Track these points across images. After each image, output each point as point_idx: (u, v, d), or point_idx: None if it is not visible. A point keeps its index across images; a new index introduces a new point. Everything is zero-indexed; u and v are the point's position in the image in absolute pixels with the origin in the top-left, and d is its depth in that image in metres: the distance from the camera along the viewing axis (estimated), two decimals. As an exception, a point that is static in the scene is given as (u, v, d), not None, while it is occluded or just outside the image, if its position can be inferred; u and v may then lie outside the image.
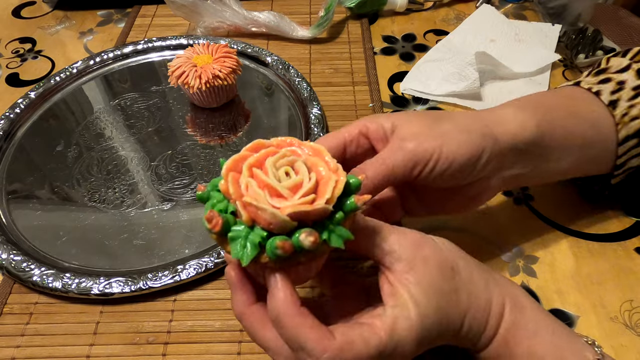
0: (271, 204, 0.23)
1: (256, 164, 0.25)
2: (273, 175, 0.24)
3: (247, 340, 0.37)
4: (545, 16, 0.65)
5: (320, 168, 0.25)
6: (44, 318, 0.38)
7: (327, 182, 0.24)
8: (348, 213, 0.25)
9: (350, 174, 0.26)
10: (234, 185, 0.24)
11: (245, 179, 0.24)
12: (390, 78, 0.58)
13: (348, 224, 0.26)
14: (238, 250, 0.24)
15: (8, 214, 0.45)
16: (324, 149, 0.26)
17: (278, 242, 0.23)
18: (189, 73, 0.49)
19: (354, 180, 0.26)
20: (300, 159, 0.25)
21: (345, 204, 0.25)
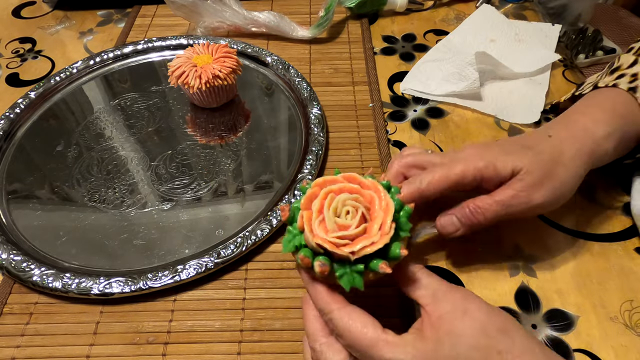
0: (312, 227, 0.29)
1: (337, 190, 0.31)
2: (335, 209, 0.30)
3: (247, 340, 0.37)
4: (545, 16, 0.65)
5: (375, 225, 0.29)
6: (44, 318, 0.38)
7: (367, 238, 0.29)
8: (371, 271, 0.29)
9: (396, 244, 0.29)
10: (307, 199, 0.30)
11: (318, 199, 0.30)
12: (390, 78, 0.58)
13: (369, 277, 0.30)
14: (286, 240, 0.30)
15: (8, 214, 0.45)
16: (392, 209, 0.30)
17: (302, 255, 0.29)
18: (189, 73, 0.49)
19: (395, 251, 0.29)
20: (364, 209, 0.30)
21: (371, 261, 0.29)
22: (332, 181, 0.31)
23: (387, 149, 0.49)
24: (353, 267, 0.29)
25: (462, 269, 0.40)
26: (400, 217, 0.31)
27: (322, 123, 0.51)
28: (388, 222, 0.29)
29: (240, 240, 0.41)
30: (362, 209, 0.30)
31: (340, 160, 0.49)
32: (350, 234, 0.29)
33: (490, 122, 0.52)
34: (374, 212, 0.30)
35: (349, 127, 0.52)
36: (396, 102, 0.55)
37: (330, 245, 0.28)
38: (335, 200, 0.30)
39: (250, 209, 0.45)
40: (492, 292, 0.39)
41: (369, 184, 0.31)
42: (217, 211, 0.45)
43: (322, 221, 0.29)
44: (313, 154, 0.48)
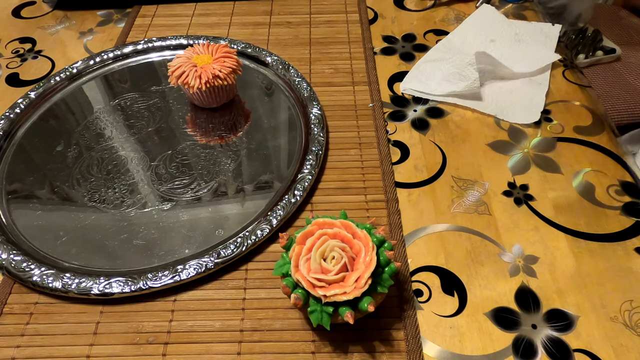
0: (297, 263, 0.33)
1: (331, 235, 0.34)
2: (322, 251, 0.33)
3: (247, 340, 0.37)
4: (545, 16, 0.65)
5: (352, 277, 0.32)
6: (44, 318, 0.38)
7: (341, 287, 0.32)
8: (338, 314, 0.32)
9: (367, 299, 0.33)
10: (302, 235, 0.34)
11: (313, 238, 0.33)
12: (390, 78, 0.58)
13: (336, 319, 0.33)
14: (277, 265, 0.35)
15: (8, 214, 0.45)
16: (372, 266, 0.32)
17: (283, 283, 0.33)
18: (189, 73, 0.49)
19: (363, 306, 0.32)
20: (346, 260, 0.33)
21: (340, 308, 0.32)
22: (331, 224, 0.34)
23: (387, 149, 0.49)
24: (324, 307, 0.32)
25: (462, 269, 0.40)
26: (384, 272, 0.33)
27: (322, 123, 0.51)
28: (365, 277, 0.32)
29: (240, 240, 0.41)
30: (346, 259, 0.33)
31: (340, 160, 0.49)
32: (329, 279, 0.32)
33: (490, 122, 0.52)
34: (356, 264, 0.33)
35: (349, 127, 0.52)
36: (396, 102, 0.55)
37: (307, 284, 0.32)
38: (325, 244, 0.33)
39: (250, 209, 0.45)
40: (492, 292, 0.39)
41: (362, 236, 0.34)
42: (217, 211, 0.45)
43: (308, 259, 0.33)
44: (313, 154, 0.48)
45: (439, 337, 0.36)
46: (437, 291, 0.39)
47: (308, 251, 0.33)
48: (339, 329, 0.37)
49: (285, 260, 0.34)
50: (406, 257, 0.41)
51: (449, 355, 0.35)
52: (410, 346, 0.36)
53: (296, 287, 0.33)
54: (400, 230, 0.43)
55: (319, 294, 0.32)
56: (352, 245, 0.34)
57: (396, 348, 0.36)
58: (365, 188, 0.46)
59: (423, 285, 0.39)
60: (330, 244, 0.33)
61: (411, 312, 0.37)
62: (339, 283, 0.33)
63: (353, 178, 0.47)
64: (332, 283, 0.32)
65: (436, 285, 0.39)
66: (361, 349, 0.36)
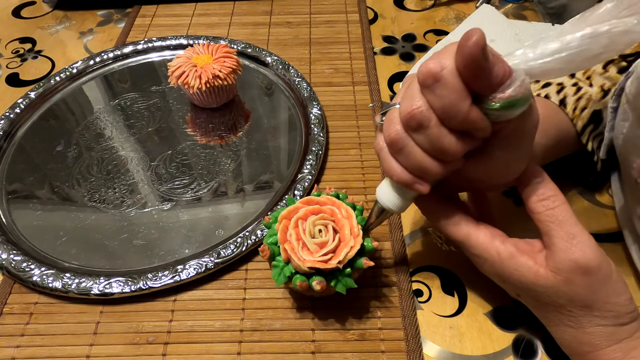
0: (299, 255, 0.33)
1: (303, 217, 0.34)
2: (309, 231, 0.33)
3: (247, 340, 0.37)
4: (545, 16, 0.65)
5: (345, 231, 0.34)
6: (44, 318, 0.38)
7: (345, 246, 0.33)
8: (356, 269, 0.34)
9: (367, 240, 0.34)
10: (281, 233, 0.34)
11: (291, 230, 0.34)
12: (390, 78, 0.58)
13: (356, 275, 0.34)
14: (275, 274, 0.34)
15: (8, 214, 0.45)
16: (353, 214, 0.34)
17: (298, 282, 0.33)
18: (189, 73, 0.49)
19: (369, 245, 0.34)
20: (332, 223, 0.34)
21: (355, 262, 0.34)
22: (295, 210, 0.35)
23: (387, 149, 0.49)
24: (342, 273, 0.33)
25: (462, 269, 0.40)
26: (357, 216, 0.35)
27: (322, 123, 0.51)
28: (355, 226, 0.34)
29: (240, 240, 0.41)
30: (331, 224, 0.34)
31: (340, 160, 0.49)
32: (332, 247, 0.33)
33: (490, 122, 0.52)
34: (339, 222, 0.34)
35: (349, 127, 0.52)
36: (396, 102, 0.55)
37: (320, 264, 0.32)
38: (307, 225, 0.34)
39: (250, 209, 0.45)
40: (492, 292, 0.39)
41: (325, 200, 0.36)
42: (217, 211, 0.45)
43: (304, 246, 0.33)
44: (313, 154, 0.48)
45: (439, 337, 0.36)
46: (437, 291, 0.39)
47: (298, 241, 0.33)
48: (339, 328, 0.37)
49: (279, 266, 0.34)
50: (406, 257, 0.41)
51: (449, 355, 0.35)
52: (410, 346, 0.36)
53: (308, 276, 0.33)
54: (400, 230, 0.43)
55: (334, 264, 0.32)
56: (324, 211, 0.35)
57: (396, 348, 0.36)
58: (365, 188, 0.46)
59: (423, 285, 0.39)
60: (310, 221, 0.34)
61: (411, 312, 0.37)
62: (339, 246, 0.34)
63: (353, 178, 0.47)
64: (335, 250, 0.33)
65: (436, 285, 0.39)
66: (361, 348, 0.36)
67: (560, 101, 0.39)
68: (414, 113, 0.27)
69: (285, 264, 0.34)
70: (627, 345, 0.29)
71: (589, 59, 0.25)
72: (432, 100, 0.27)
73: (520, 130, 0.28)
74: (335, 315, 0.37)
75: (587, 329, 0.30)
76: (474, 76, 0.25)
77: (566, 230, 0.29)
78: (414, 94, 0.27)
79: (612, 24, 0.24)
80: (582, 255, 0.28)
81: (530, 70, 0.26)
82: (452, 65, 0.26)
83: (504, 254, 0.31)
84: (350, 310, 0.38)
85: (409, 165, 0.29)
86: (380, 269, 0.40)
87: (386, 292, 0.39)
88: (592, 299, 0.29)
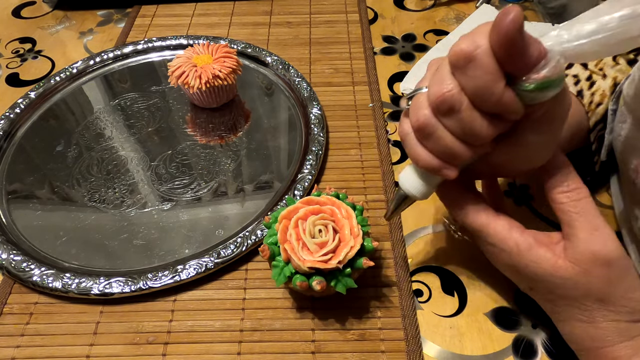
0: (299, 255, 0.33)
1: (302, 217, 0.34)
2: (309, 231, 0.33)
3: (247, 340, 0.37)
4: (545, 16, 0.65)
5: (345, 231, 0.34)
6: (44, 318, 0.38)
7: (345, 246, 0.33)
8: (356, 269, 0.34)
9: (368, 239, 0.34)
10: (281, 233, 0.34)
11: (291, 230, 0.34)
12: (390, 78, 0.58)
13: (356, 275, 0.34)
14: (275, 274, 0.34)
15: (8, 214, 0.45)
16: (353, 214, 0.34)
17: (298, 282, 0.33)
18: (189, 73, 0.49)
19: (369, 245, 0.34)
20: (332, 223, 0.34)
21: (355, 262, 0.34)
22: (295, 210, 0.35)
23: (387, 149, 0.49)
24: (342, 273, 0.33)
25: (462, 269, 0.40)
26: (357, 216, 0.35)
27: (322, 123, 0.51)
28: (355, 226, 0.34)
29: (240, 240, 0.41)
30: (331, 224, 0.34)
31: (340, 160, 0.49)
32: (332, 247, 0.33)
33: (490, 122, 0.52)
34: (339, 222, 0.34)
35: (349, 127, 0.52)
36: (396, 102, 0.55)
37: (320, 264, 0.32)
38: (307, 225, 0.34)
39: (250, 209, 0.45)
40: (492, 292, 0.39)
41: (325, 200, 0.36)
42: (217, 211, 0.45)
43: (304, 246, 0.33)
44: (313, 154, 0.48)
45: (439, 337, 0.36)
46: (437, 291, 0.39)
47: (298, 241, 0.33)
48: (339, 328, 0.37)
49: (279, 266, 0.34)
50: (406, 257, 0.41)
51: (449, 355, 0.36)
52: (410, 346, 0.36)
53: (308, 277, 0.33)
54: (400, 230, 0.43)
55: (334, 264, 0.32)
56: (324, 211, 0.35)
57: (396, 348, 0.36)
58: (365, 188, 0.46)
59: (423, 285, 0.39)
60: (310, 221, 0.34)
61: (411, 312, 0.37)
62: (339, 246, 0.34)
63: (353, 178, 0.47)
64: (335, 249, 0.34)
65: (436, 285, 0.39)
66: (361, 348, 0.36)
67: (578, 92, 0.39)
68: (445, 96, 0.26)
69: (285, 264, 0.34)
70: (637, 342, 0.29)
71: (627, 41, 0.24)
72: (464, 81, 0.26)
73: (551, 114, 0.28)
74: (335, 315, 0.38)
75: (600, 323, 0.30)
76: (510, 56, 0.24)
77: (589, 222, 0.29)
78: (444, 76, 0.26)
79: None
80: (603, 247, 0.28)
81: (565, 52, 0.25)
82: (486, 45, 0.25)
83: (522, 245, 0.31)
84: (350, 310, 0.38)
85: (437, 150, 0.29)
86: (380, 269, 0.40)
87: (386, 292, 0.39)
88: (609, 292, 0.29)
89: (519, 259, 0.31)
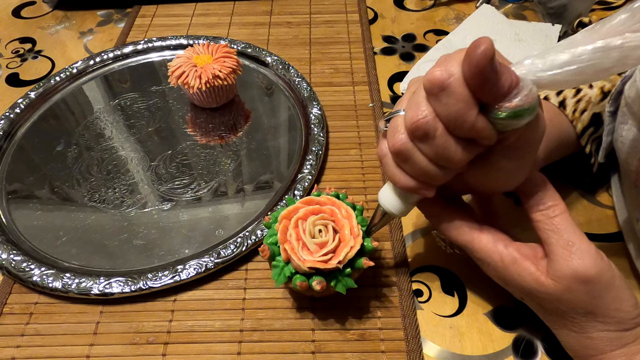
0: (299, 256, 0.33)
1: (302, 217, 0.34)
2: (309, 232, 0.33)
3: (247, 340, 0.37)
4: (545, 16, 0.65)
5: (345, 231, 0.34)
6: (44, 318, 0.38)
7: (345, 246, 0.33)
8: (356, 269, 0.34)
9: (367, 240, 0.35)
10: (281, 233, 0.34)
11: (290, 230, 0.34)
12: (390, 78, 0.58)
13: (356, 275, 0.34)
14: (275, 274, 0.34)
15: (8, 214, 0.45)
16: (353, 214, 0.35)
17: (298, 282, 0.33)
18: (189, 73, 0.49)
19: (369, 245, 0.34)
20: (332, 223, 0.34)
21: (355, 262, 0.34)
22: (295, 210, 0.35)
23: (387, 149, 0.49)
24: (342, 273, 0.33)
25: (462, 269, 0.40)
26: (357, 216, 0.35)
27: (322, 123, 0.51)
28: (355, 226, 0.34)
29: (240, 240, 0.41)
30: (331, 224, 0.34)
31: (340, 160, 0.49)
32: (332, 247, 0.33)
33: (490, 122, 0.52)
34: (339, 222, 0.34)
35: (349, 127, 0.52)
36: (396, 102, 0.55)
37: (320, 264, 0.32)
38: (307, 225, 0.34)
39: (250, 209, 0.45)
40: (492, 292, 0.39)
41: (325, 200, 0.36)
42: (217, 211, 0.45)
43: (303, 246, 0.33)
44: (313, 154, 0.48)
45: (439, 337, 0.36)
46: (437, 291, 0.39)
47: (298, 241, 0.34)
48: (339, 328, 0.37)
49: (279, 266, 0.34)
50: (406, 257, 0.41)
51: (449, 355, 0.35)
52: (410, 346, 0.36)
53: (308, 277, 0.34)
54: (400, 230, 0.43)
55: (334, 264, 0.32)
56: (325, 211, 0.35)
57: (396, 348, 0.36)
58: (365, 188, 0.46)
59: (423, 285, 0.39)
60: (310, 221, 0.34)
61: (411, 312, 0.37)
62: (339, 246, 0.34)
63: (353, 178, 0.47)
64: (335, 250, 0.34)
65: (436, 285, 0.39)
66: (361, 348, 0.36)
67: (560, 103, 0.39)
68: (419, 123, 0.27)
69: (285, 264, 0.34)
70: (630, 349, 0.29)
71: (599, 72, 0.25)
72: (438, 108, 0.26)
73: (525, 140, 0.28)
74: (335, 315, 0.38)
75: (590, 334, 0.30)
76: (481, 86, 0.25)
77: (565, 239, 0.29)
78: (420, 102, 0.27)
79: (626, 37, 0.24)
80: (581, 264, 0.28)
81: (538, 81, 0.25)
82: (459, 74, 0.25)
83: (506, 259, 0.31)
84: (350, 310, 0.38)
85: (413, 172, 0.29)
86: (380, 269, 0.40)
87: (386, 292, 0.39)
88: (595, 306, 0.29)
89: (504, 272, 0.31)
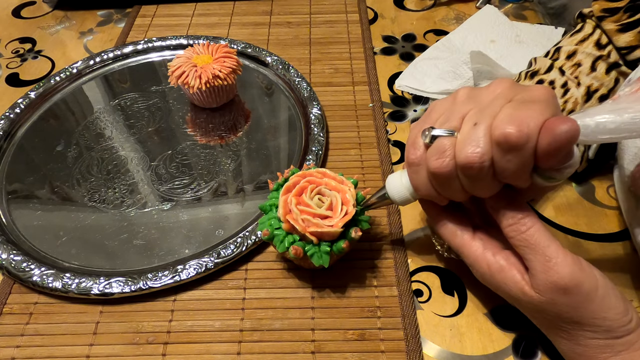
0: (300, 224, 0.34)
1: (301, 189, 0.36)
2: (309, 200, 0.35)
3: (247, 340, 0.37)
4: (546, 16, 0.65)
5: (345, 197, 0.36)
6: (44, 318, 0.38)
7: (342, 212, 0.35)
8: (349, 240, 0.36)
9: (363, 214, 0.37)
10: (283, 207, 0.35)
11: (291, 199, 0.35)
12: (390, 78, 0.58)
13: (333, 256, 0.36)
14: (277, 242, 0.36)
15: (8, 214, 0.45)
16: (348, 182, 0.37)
17: (292, 248, 0.35)
18: (189, 73, 0.49)
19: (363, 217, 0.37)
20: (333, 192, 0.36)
21: (347, 233, 0.36)
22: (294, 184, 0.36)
23: (387, 149, 0.49)
24: (321, 247, 0.35)
25: (462, 269, 0.40)
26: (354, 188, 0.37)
27: (322, 123, 0.51)
28: (348, 191, 0.36)
29: (240, 240, 0.41)
30: (330, 192, 0.36)
31: (340, 160, 0.49)
32: (330, 214, 0.35)
33: (490, 122, 0.52)
34: (335, 190, 0.36)
35: (349, 127, 0.52)
36: (396, 102, 0.55)
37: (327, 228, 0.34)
38: (307, 194, 0.36)
39: (250, 209, 0.45)
40: (492, 292, 0.38)
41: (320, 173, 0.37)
42: (217, 211, 0.45)
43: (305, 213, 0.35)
44: (313, 154, 0.48)
45: (439, 337, 0.36)
46: (437, 291, 0.39)
47: (297, 195, 0.36)
48: (339, 328, 0.37)
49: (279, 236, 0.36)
50: (406, 257, 0.41)
51: (449, 355, 0.35)
52: (410, 346, 0.36)
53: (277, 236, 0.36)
54: (400, 230, 0.43)
55: (323, 226, 0.34)
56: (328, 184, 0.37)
57: (396, 348, 0.36)
58: (365, 188, 0.46)
59: (423, 285, 0.39)
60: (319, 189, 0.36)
61: (411, 312, 0.37)
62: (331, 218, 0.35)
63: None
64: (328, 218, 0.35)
65: (436, 285, 0.39)
66: (361, 348, 0.36)
67: None
68: (475, 165, 0.27)
69: (286, 234, 0.35)
70: (624, 357, 0.29)
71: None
72: (499, 159, 0.27)
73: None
74: (335, 315, 0.38)
75: (581, 341, 0.30)
76: (550, 160, 0.26)
77: (541, 253, 0.29)
78: (481, 143, 0.27)
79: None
80: (560, 277, 0.28)
81: (584, 140, 0.27)
82: (534, 140, 0.26)
83: (493, 267, 0.32)
84: (350, 310, 0.38)
85: (440, 190, 0.31)
86: (380, 268, 0.40)
87: (386, 291, 0.39)
88: (580, 315, 0.29)
89: (490, 280, 0.32)
